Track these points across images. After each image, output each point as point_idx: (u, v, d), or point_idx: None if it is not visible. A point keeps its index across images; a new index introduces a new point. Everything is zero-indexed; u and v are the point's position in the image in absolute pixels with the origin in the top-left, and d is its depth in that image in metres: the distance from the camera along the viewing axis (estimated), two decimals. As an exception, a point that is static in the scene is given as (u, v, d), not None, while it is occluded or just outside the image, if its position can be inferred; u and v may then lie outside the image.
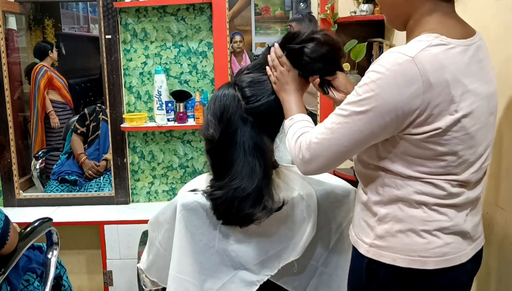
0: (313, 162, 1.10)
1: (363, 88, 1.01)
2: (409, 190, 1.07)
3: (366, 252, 1.12)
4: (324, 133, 1.07)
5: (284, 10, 2.99)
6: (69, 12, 3.69)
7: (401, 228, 1.08)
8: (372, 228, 1.12)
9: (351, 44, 2.28)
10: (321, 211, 1.34)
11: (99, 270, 2.64)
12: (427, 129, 1.01)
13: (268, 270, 1.31)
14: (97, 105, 3.05)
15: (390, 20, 1.17)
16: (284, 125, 1.24)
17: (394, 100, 0.98)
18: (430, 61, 0.97)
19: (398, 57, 0.98)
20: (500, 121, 1.38)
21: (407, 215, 1.08)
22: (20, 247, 1.82)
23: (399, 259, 1.08)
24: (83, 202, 2.74)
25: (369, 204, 1.13)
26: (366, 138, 1.04)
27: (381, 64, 0.99)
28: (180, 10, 2.58)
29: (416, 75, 0.97)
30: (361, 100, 1.01)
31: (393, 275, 1.09)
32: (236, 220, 1.28)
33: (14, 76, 2.85)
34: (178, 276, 1.31)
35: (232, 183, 1.25)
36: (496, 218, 1.41)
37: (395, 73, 0.97)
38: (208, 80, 2.64)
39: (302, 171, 1.14)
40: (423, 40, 1.00)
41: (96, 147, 3.03)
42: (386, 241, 1.10)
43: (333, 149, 1.06)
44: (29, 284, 1.94)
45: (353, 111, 1.02)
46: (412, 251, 1.07)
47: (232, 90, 1.30)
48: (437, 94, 0.98)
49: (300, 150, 1.12)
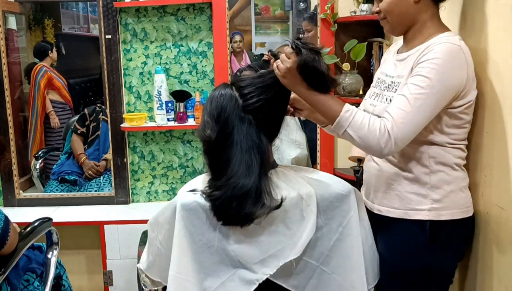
0: (401, 141, 1.24)
1: (431, 72, 1.24)
2: (449, 156, 1.35)
3: (427, 216, 1.35)
4: (407, 116, 1.24)
5: (284, 10, 2.99)
6: (69, 12, 3.69)
7: (452, 188, 1.36)
8: (426, 195, 1.36)
9: (351, 44, 2.28)
10: (321, 211, 1.34)
11: (99, 270, 2.64)
12: (462, 103, 1.31)
13: (267, 269, 1.31)
14: (97, 106, 3.05)
15: (394, 27, 1.38)
16: (342, 118, 1.25)
17: (456, 79, 1.26)
18: (466, 48, 1.29)
19: (449, 47, 1.26)
20: (502, 121, 1.38)
21: (453, 177, 1.37)
22: (20, 247, 1.82)
23: (455, 214, 1.36)
24: (83, 202, 2.74)
25: (419, 177, 1.36)
26: (437, 112, 1.28)
27: (438, 52, 1.25)
28: (180, 10, 2.58)
29: (463, 58, 1.28)
30: (433, 83, 1.23)
31: (451, 228, 1.37)
32: (236, 220, 1.28)
33: (14, 76, 2.85)
34: (178, 276, 1.31)
35: (230, 181, 1.25)
36: (496, 218, 1.41)
37: (453, 58, 1.26)
38: (208, 80, 2.64)
39: (384, 154, 1.26)
40: (455, 35, 1.32)
41: (96, 147, 3.03)
42: (442, 202, 1.36)
43: (417, 126, 1.26)
44: (29, 284, 1.94)
45: (429, 92, 1.24)
46: (461, 205, 1.38)
47: (229, 90, 1.30)
48: (471, 73, 1.30)
49: (385, 134, 1.23)
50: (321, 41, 2.43)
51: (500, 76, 1.37)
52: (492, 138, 1.42)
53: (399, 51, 1.45)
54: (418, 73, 1.26)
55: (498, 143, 1.39)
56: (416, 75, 1.26)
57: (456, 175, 1.38)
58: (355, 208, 1.36)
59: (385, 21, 1.39)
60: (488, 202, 1.45)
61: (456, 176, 1.37)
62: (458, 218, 1.37)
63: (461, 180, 1.39)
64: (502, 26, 1.35)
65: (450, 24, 1.64)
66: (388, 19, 1.37)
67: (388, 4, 1.34)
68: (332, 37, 2.43)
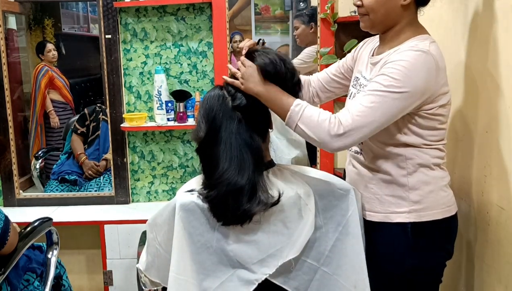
0: (350, 136, 1.23)
1: (397, 73, 1.22)
2: (427, 157, 1.33)
3: (407, 218, 1.34)
4: (364, 111, 1.23)
5: (284, 10, 2.99)
6: (69, 12, 3.69)
7: (432, 189, 1.35)
8: (405, 198, 1.35)
9: (351, 43, 2.27)
10: (319, 210, 1.34)
11: (99, 270, 2.64)
12: (435, 105, 1.29)
13: (267, 269, 1.31)
14: (97, 105, 3.05)
15: (375, 25, 1.35)
16: (292, 112, 1.28)
17: (421, 84, 1.23)
18: (437, 52, 1.27)
19: (417, 52, 1.24)
20: (502, 121, 1.38)
21: (431, 177, 1.35)
22: (20, 247, 1.82)
23: (436, 214, 1.35)
24: (83, 202, 2.74)
25: (396, 178, 1.35)
26: (397, 114, 1.26)
27: (405, 55, 1.24)
28: (180, 10, 2.58)
29: (432, 63, 1.25)
30: (397, 84, 1.22)
31: (434, 228, 1.35)
32: (235, 218, 1.28)
33: (14, 76, 2.85)
34: (178, 277, 1.31)
35: (222, 178, 1.26)
36: (496, 218, 1.41)
37: (421, 63, 1.23)
38: (208, 80, 2.64)
39: (333, 146, 1.25)
40: (426, 39, 1.30)
41: (96, 147, 3.03)
42: (422, 203, 1.34)
43: (372, 125, 1.24)
44: (29, 284, 1.94)
45: (391, 92, 1.22)
46: (442, 204, 1.36)
47: (219, 91, 1.35)
48: (441, 77, 1.28)
49: (335, 125, 1.23)
50: (321, 41, 2.43)
51: (500, 76, 1.37)
52: (492, 138, 1.42)
53: (374, 52, 1.43)
54: (383, 72, 1.25)
55: (498, 144, 1.39)
56: (381, 75, 1.25)
57: (435, 174, 1.36)
58: (354, 207, 1.36)
59: (366, 18, 1.35)
60: (488, 201, 1.45)
61: (435, 175, 1.36)
62: (440, 218, 1.36)
63: (440, 179, 1.37)
64: (503, 26, 1.35)
65: (450, 24, 1.64)
66: (371, 16, 1.33)
67: (375, 2, 1.31)
68: (332, 37, 2.43)
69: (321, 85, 1.60)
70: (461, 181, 1.61)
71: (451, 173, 1.46)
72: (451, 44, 1.64)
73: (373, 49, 1.45)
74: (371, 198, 1.40)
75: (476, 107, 1.52)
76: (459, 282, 1.66)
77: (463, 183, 1.60)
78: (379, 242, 1.40)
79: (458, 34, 1.61)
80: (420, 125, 1.31)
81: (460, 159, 1.63)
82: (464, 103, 1.60)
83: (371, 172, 1.40)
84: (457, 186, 1.60)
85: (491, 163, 1.43)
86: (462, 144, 1.61)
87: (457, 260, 1.62)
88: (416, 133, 1.32)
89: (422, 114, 1.30)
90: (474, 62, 1.52)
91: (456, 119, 1.64)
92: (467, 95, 1.57)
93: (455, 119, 1.64)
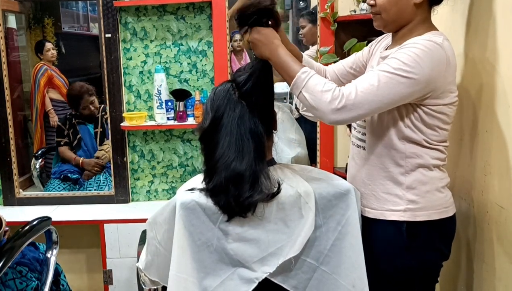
0: (350, 111, 1.22)
1: (407, 58, 1.22)
2: (426, 157, 1.34)
3: (402, 217, 1.35)
4: (368, 89, 1.23)
5: (284, 9, 2.99)
6: (69, 11, 3.69)
7: (428, 189, 1.35)
8: (401, 196, 1.35)
9: (351, 43, 2.27)
10: (319, 209, 1.34)
11: (99, 269, 2.64)
12: (439, 103, 1.29)
13: (267, 267, 1.31)
14: (66, 115, 3.08)
15: (387, 24, 1.36)
16: (298, 79, 1.27)
17: (429, 73, 1.23)
18: (449, 49, 1.28)
19: (430, 42, 1.24)
20: (502, 121, 1.38)
21: (429, 177, 1.35)
22: (18, 245, 1.82)
23: (432, 214, 1.35)
24: (83, 201, 2.74)
25: (394, 176, 1.36)
26: (399, 100, 1.26)
27: (420, 43, 1.24)
28: (180, 9, 2.58)
29: (443, 55, 1.25)
30: (405, 68, 1.22)
31: (430, 229, 1.35)
32: (238, 208, 1.28)
33: (14, 75, 2.84)
34: (178, 276, 1.31)
35: (219, 163, 1.28)
36: (496, 217, 1.41)
37: (432, 53, 1.23)
38: (208, 79, 2.64)
39: (331, 119, 1.24)
40: (440, 35, 1.30)
41: (84, 148, 3.04)
42: (418, 203, 1.34)
43: (374, 104, 1.23)
44: (22, 276, 1.93)
45: (398, 75, 1.22)
46: (438, 205, 1.36)
47: (228, 84, 1.37)
48: (450, 73, 1.29)
49: (338, 97, 1.22)
50: (321, 40, 2.43)
51: (500, 76, 1.37)
52: (492, 138, 1.42)
53: (386, 48, 1.44)
54: (394, 56, 1.26)
55: (498, 143, 1.39)
56: (392, 58, 1.26)
57: (433, 175, 1.36)
58: (354, 206, 1.36)
59: (379, 17, 1.36)
60: (488, 201, 1.45)
61: (433, 176, 1.36)
62: (436, 218, 1.35)
63: (438, 180, 1.37)
64: (504, 26, 1.35)
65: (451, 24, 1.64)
66: (383, 15, 1.34)
67: (387, 1, 1.31)
68: (332, 36, 2.43)
69: (336, 77, 1.61)
70: (461, 180, 1.61)
71: (451, 172, 1.46)
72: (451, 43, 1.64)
73: (387, 45, 1.46)
74: (368, 194, 1.41)
75: (476, 107, 1.52)
76: (458, 281, 1.66)
77: (463, 182, 1.60)
78: (374, 238, 1.40)
79: (458, 33, 1.61)
80: (424, 121, 1.31)
81: (460, 158, 1.63)
82: (464, 103, 1.60)
83: (371, 168, 1.40)
84: (457, 185, 1.61)
85: (491, 162, 1.43)
86: (463, 144, 1.61)
87: (457, 259, 1.62)
88: (419, 129, 1.32)
89: (426, 110, 1.30)
90: (474, 62, 1.52)
91: (456, 118, 1.64)
92: (467, 94, 1.57)
93: (455, 119, 1.64)
